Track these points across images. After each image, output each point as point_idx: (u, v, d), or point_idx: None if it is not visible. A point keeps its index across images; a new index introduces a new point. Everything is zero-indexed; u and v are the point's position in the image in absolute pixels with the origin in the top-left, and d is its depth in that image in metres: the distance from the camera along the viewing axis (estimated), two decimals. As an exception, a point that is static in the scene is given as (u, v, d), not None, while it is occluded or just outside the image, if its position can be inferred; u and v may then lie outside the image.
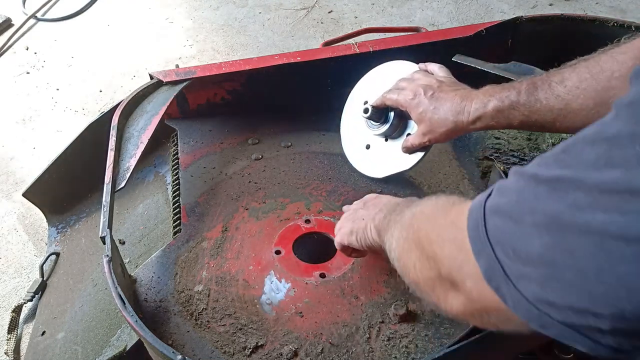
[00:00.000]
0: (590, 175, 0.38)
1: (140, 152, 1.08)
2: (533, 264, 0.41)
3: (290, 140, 1.26)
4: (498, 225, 0.45)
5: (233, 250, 1.01)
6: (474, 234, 0.47)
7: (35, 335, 1.13)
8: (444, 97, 0.89)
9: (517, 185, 0.45)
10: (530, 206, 0.42)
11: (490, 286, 0.45)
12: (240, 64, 1.28)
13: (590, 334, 0.40)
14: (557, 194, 0.40)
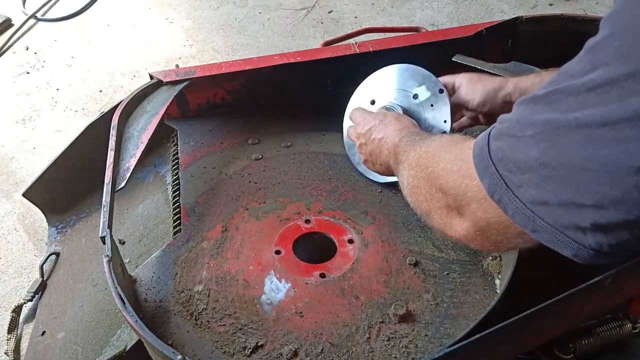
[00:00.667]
0: (578, 80, 0.43)
1: (140, 152, 1.08)
2: (531, 170, 0.46)
3: (290, 140, 1.26)
4: (499, 145, 0.50)
5: (233, 250, 1.01)
6: (478, 159, 0.53)
7: (35, 335, 1.13)
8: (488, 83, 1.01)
9: (516, 110, 0.50)
10: (529, 121, 0.47)
11: (494, 199, 0.51)
12: (240, 64, 1.28)
13: (574, 236, 0.46)
14: (552, 105, 0.45)
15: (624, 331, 0.94)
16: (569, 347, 0.91)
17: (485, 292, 0.94)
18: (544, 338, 0.90)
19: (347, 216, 1.07)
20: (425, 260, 0.99)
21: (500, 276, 0.96)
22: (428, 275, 0.96)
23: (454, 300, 0.92)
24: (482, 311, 0.89)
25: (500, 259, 0.99)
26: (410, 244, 1.02)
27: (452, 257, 1.00)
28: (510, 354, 0.86)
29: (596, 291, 0.83)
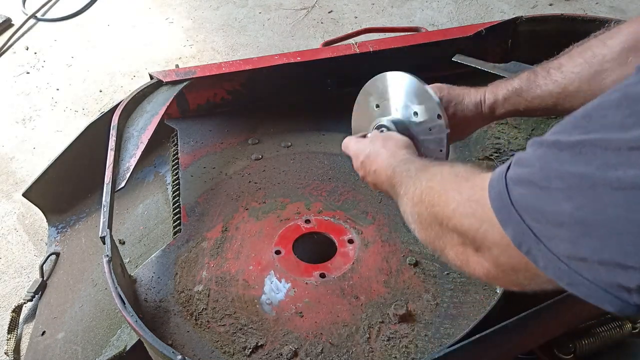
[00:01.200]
0: (618, 135, 0.40)
1: (140, 152, 1.08)
2: (564, 225, 0.43)
3: (290, 140, 1.26)
4: (523, 193, 0.47)
5: (233, 250, 1.01)
6: (498, 204, 0.49)
7: (35, 335, 1.13)
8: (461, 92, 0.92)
9: (537, 154, 0.47)
10: (556, 171, 0.44)
11: (521, 250, 0.48)
12: (240, 64, 1.28)
13: (618, 294, 0.42)
14: (583, 157, 0.42)
15: (624, 331, 0.94)
16: (569, 347, 0.91)
17: (485, 292, 0.94)
18: (544, 338, 0.90)
19: (347, 216, 1.07)
20: (425, 260, 0.99)
21: (500, 276, 0.96)
22: (428, 275, 0.96)
23: (454, 300, 0.92)
24: (482, 311, 0.89)
25: (500, 259, 0.99)
26: (410, 244, 1.02)
27: (452, 257, 1.00)
28: (510, 354, 0.87)
29: (596, 291, 0.83)
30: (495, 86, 0.90)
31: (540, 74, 0.84)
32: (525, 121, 1.28)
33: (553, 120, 1.27)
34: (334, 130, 1.28)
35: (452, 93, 0.92)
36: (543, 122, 1.27)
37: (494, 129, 1.26)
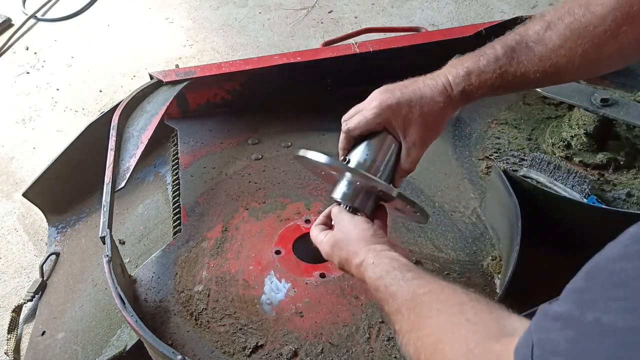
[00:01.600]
0: None
1: (140, 152, 1.08)
2: None
3: (290, 140, 1.26)
4: None
5: (233, 250, 1.01)
6: None
7: (35, 335, 1.13)
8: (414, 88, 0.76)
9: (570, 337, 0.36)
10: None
11: None
12: (240, 64, 1.28)
13: None
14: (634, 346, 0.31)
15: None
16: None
17: (485, 292, 0.94)
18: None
19: (347, 216, 1.07)
20: (425, 260, 0.99)
21: (500, 276, 0.96)
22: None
23: (454, 300, 0.92)
24: (482, 311, 0.89)
25: (500, 259, 0.99)
26: (410, 244, 1.02)
27: (452, 257, 1.00)
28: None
29: (596, 291, 0.83)
30: (460, 67, 0.76)
31: (519, 49, 0.74)
32: (525, 121, 1.28)
33: (553, 120, 1.27)
34: (334, 130, 1.27)
35: (407, 91, 0.76)
36: (543, 122, 1.27)
37: (494, 129, 1.26)
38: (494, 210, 1.03)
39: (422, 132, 0.77)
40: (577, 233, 0.97)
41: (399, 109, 0.75)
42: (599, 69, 0.76)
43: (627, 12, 0.66)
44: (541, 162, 1.13)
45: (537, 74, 0.73)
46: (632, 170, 1.14)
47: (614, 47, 0.68)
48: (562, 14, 0.72)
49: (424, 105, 0.75)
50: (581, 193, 1.08)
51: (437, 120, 0.77)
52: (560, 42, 0.71)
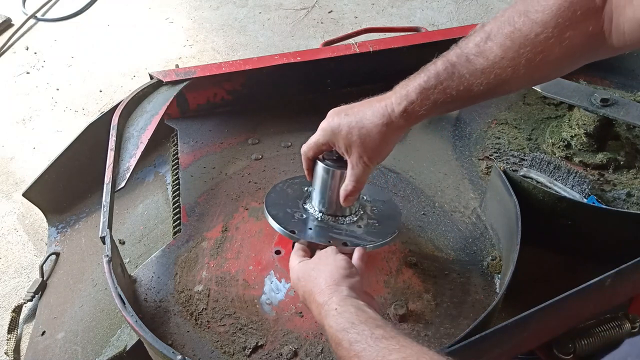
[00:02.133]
0: None
1: (140, 152, 1.08)
2: None
3: (290, 140, 1.26)
4: None
5: (233, 250, 1.01)
6: None
7: (35, 335, 1.13)
8: (359, 109, 0.80)
9: None
10: None
11: None
12: (240, 64, 1.28)
13: None
14: None
15: (623, 331, 0.94)
16: (568, 347, 0.91)
17: (485, 292, 0.94)
18: (544, 338, 0.90)
19: (347, 216, 1.07)
20: (425, 260, 0.99)
21: (500, 276, 0.96)
22: (428, 275, 0.96)
23: (454, 300, 0.92)
24: (482, 311, 0.89)
25: (500, 259, 0.99)
26: (410, 244, 1.02)
27: (452, 257, 1.00)
28: (510, 353, 0.86)
29: (596, 291, 0.83)
30: (403, 87, 0.76)
31: (459, 64, 0.73)
32: (525, 121, 1.28)
33: (553, 120, 1.27)
34: (334, 130, 1.28)
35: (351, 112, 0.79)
36: (543, 122, 1.27)
37: (494, 129, 1.26)
38: (494, 210, 1.03)
39: (363, 153, 0.79)
40: (577, 233, 0.97)
41: (340, 132, 0.79)
42: (547, 75, 0.74)
43: (569, 17, 0.65)
44: (541, 162, 1.13)
45: (480, 86, 0.72)
46: (632, 170, 1.14)
47: (559, 53, 0.67)
48: (502, 24, 0.70)
49: (363, 128, 0.77)
50: (581, 193, 1.08)
51: (377, 143, 0.78)
52: (502, 53, 0.70)
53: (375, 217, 0.95)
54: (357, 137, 0.78)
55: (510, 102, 1.34)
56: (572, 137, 1.17)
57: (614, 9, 0.64)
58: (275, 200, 0.95)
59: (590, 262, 1.00)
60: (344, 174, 0.84)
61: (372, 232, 0.91)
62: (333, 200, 0.88)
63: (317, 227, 0.91)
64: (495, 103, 1.34)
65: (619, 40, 0.65)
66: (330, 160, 0.87)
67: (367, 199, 0.99)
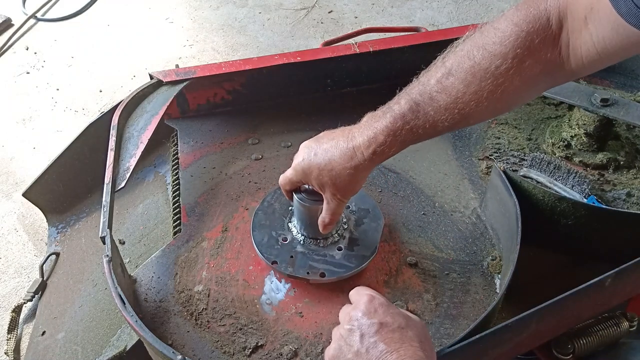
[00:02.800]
0: None
1: (140, 152, 1.08)
2: None
3: (290, 140, 1.26)
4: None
5: (233, 250, 1.01)
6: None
7: (35, 335, 1.13)
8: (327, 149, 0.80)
9: None
10: None
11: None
12: (240, 64, 1.28)
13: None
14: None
15: (622, 329, 0.94)
16: (567, 347, 0.91)
17: (485, 292, 0.94)
18: (544, 338, 0.90)
19: (347, 216, 1.07)
20: (425, 260, 0.99)
21: (500, 276, 0.96)
22: (428, 275, 0.96)
23: (454, 300, 0.93)
24: (482, 311, 0.89)
25: (500, 259, 0.99)
26: (410, 244, 1.02)
27: (452, 257, 1.00)
28: (510, 354, 0.86)
29: (596, 291, 0.83)
30: (369, 128, 0.76)
31: (422, 102, 0.73)
32: (525, 121, 1.28)
33: (553, 120, 1.27)
34: (334, 130, 1.28)
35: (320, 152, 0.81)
36: (543, 122, 1.27)
37: (494, 129, 1.26)
38: (494, 210, 1.03)
39: (336, 192, 0.82)
40: (577, 233, 0.97)
41: (311, 172, 0.82)
42: (509, 105, 0.76)
43: (527, 46, 0.66)
44: (541, 162, 1.13)
45: (445, 122, 0.73)
46: (632, 170, 1.14)
47: (519, 82, 0.68)
48: (461, 59, 0.72)
49: (332, 170, 0.80)
50: (581, 193, 1.08)
51: (347, 183, 0.80)
52: (464, 89, 0.71)
53: (357, 233, 0.98)
54: (327, 179, 0.81)
55: (510, 102, 1.34)
56: (572, 137, 1.17)
57: (570, 34, 0.66)
58: (261, 221, 1.00)
59: (590, 262, 1.00)
60: (319, 207, 0.88)
61: (350, 255, 0.94)
62: (312, 227, 0.93)
63: (299, 254, 0.94)
64: (495, 103, 1.34)
65: (577, 64, 0.67)
66: (306, 192, 0.90)
67: (352, 209, 1.01)
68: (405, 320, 0.65)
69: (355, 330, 0.64)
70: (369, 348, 0.61)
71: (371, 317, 0.64)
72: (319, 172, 0.81)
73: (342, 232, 0.97)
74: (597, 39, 0.63)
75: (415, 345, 0.61)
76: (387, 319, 0.64)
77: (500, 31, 0.68)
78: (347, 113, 1.33)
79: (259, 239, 0.97)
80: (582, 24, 0.64)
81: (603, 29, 0.62)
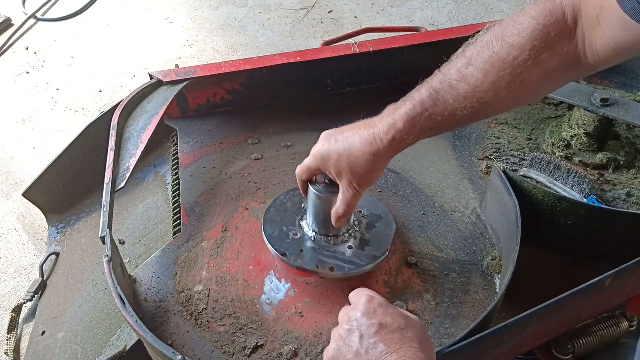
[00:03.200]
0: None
1: (140, 152, 1.08)
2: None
3: (290, 140, 1.26)
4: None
5: (233, 250, 1.01)
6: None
7: (35, 335, 1.13)
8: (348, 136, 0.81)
9: None
10: None
11: None
12: (240, 64, 1.28)
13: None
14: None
15: (621, 329, 0.94)
16: (567, 347, 0.91)
17: (485, 292, 0.94)
18: (544, 338, 0.90)
19: (347, 216, 1.07)
20: (425, 260, 0.99)
21: (500, 276, 0.96)
22: (428, 275, 0.96)
23: (454, 300, 0.93)
24: (482, 311, 0.89)
25: (500, 259, 0.99)
26: (410, 244, 1.02)
27: (452, 257, 1.00)
28: (510, 354, 0.87)
29: (596, 291, 0.83)
30: (390, 115, 0.78)
31: (442, 90, 0.74)
32: (525, 121, 1.28)
33: (553, 120, 1.27)
34: (334, 130, 1.28)
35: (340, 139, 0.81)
36: (543, 122, 1.27)
37: (494, 129, 1.26)
38: (494, 210, 1.03)
39: (353, 179, 0.81)
40: (577, 233, 0.97)
41: (330, 158, 0.81)
42: (529, 97, 0.77)
43: (544, 39, 0.68)
44: (541, 162, 1.13)
45: (464, 111, 0.74)
46: (632, 170, 1.14)
47: (537, 75, 0.69)
48: (481, 49, 0.73)
49: (351, 156, 0.79)
50: (581, 193, 1.08)
51: (366, 170, 0.80)
52: (483, 78, 0.72)
53: (369, 235, 0.97)
54: (346, 165, 0.80)
55: (510, 102, 1.34)
56: (572, 137, 1.17)
57: (585, 31, 0.67)
58: (273, 217, 0.98)
59: (590, 262, 1.00)
60: (334, 199, 0.87)
61: (361, 254, 0.93)
62: (325, 222, 0.92)
63: (309, 249, 0.93)
64: (495, 103, 1.34)
65: (594, 59, 0.68)
66: (322, 184, 0.89)
67: (364, 214, 1.01)
68: (405, 321, 0.65)
69: (354, 330, 0.64)
70: (368, 349, 0.62)
71: (371, 318, 0.65)
72: (338, 157, 0.80)
73: (354, 233, 0.96)
74: (610, 37, 0.64)
75: (415, 347, 0.62)
76: (386, 320, 0.64)
77: (519, 24, 0.70)
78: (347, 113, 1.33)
79: (270, 232, 0.95)
80: (595, 22, 0.65)
81: (614, 27, 0.63)
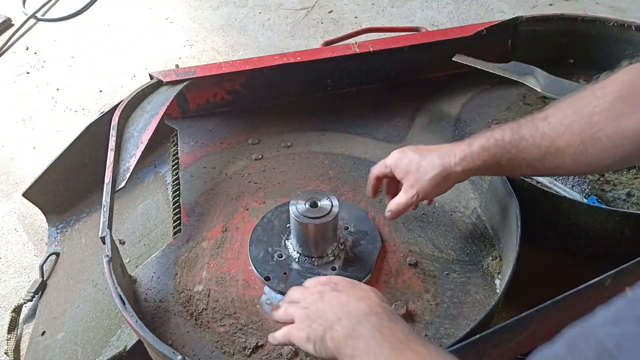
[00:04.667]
0: None
1: (140, 152, 1.08)
2: None
3: (290, 140, 1.26)
4: None
5: (233, 250, 1.01)
6: None
7: (35, 335, 1.13)
8: (429, 148, 0.91)
9: None
10: None
11: None
12: (240, 64, 1.28)
13: None
14: None
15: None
16: (568, 347, 0.91)
17: (485, 292, 0.94)
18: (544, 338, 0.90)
19: (347, 216, 1.07)
20: (425, 260, 0.99)
21: (500, 276, 0.96)
22: (428, 275, 0.96)
23: (454, 300, 0.93)
24: (482, 311, 0.89)
25: (500, 259, 0.99)
26: (410, 244, 1.02)
27: (452, 257, 1.00)
28: (510, 354, 0.86)
29: (596, 291, 0.83)
30: (473, 137, 0.85)
31: (525, 125, 0.78)
32: (525, 121, 1.27)
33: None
34: (334, 130, 1.28)
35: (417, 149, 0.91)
36: (543, 122, 1.27)
37: (494, 129, 1.26)
38: (494, 210, 1.03)
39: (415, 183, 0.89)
40: (577, 233, 0.97)
41: (403, 159, 0.91)
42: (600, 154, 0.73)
43: (627, 95, 0.69)
44: (541, 162, 1.13)
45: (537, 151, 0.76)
46: (632, 170, 1.14)
47: (612, 130, 0.69)
48: (573, 99, 0.75)
49: (423, 160, 0.88)
50: (581, 193, 1.08)
51: (430, 176, 0.87)
52: (562, 119, 0.74)
53: (352, 254, 0.97)
54: (415, 169, 0.89)
55: (510, 102, 1.34)
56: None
57: None
58: (259, 236, 1.00)
59: (590, 262, 1.00)
60: (313, 225, 0.89)
61: (344, 275, 0.93)
62: (308, 245, 0.93)
63: (294, 272, 0.94)
64: (495, 103, 1.34)
65: None
66: (305, 209, 0.90)
67: (350, 230, 1.01)
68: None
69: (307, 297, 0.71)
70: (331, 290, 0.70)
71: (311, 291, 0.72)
72: (409, 160, 0.89)
73: (338, 253, 0.97)
74: None
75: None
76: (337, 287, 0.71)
77: (611, 78, 0.73)
78: (347, 113, 1.34)
79: (255, 254, 0.97)
80: None
81: None
